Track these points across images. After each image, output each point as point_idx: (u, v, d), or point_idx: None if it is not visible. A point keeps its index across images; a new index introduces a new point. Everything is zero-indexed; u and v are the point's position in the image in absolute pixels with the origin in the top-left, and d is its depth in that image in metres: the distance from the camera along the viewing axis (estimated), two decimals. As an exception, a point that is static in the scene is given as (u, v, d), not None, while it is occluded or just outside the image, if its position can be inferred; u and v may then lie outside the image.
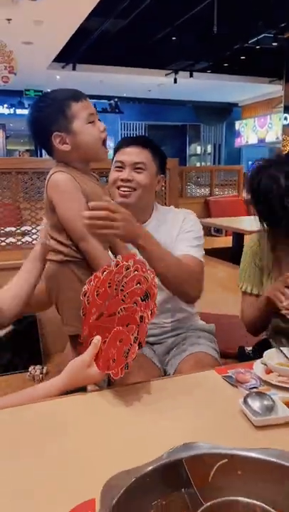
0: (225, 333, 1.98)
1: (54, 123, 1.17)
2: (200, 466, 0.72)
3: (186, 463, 0.71)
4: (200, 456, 0.72)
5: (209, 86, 11.37)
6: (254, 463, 0.71)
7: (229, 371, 1.10)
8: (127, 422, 0.93)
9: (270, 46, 8.44)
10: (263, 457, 0.71)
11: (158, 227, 1.49)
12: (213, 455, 0.72)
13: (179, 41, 8.29)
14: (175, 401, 1.01)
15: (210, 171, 6.84)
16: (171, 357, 1.45)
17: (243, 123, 14.55)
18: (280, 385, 1.01)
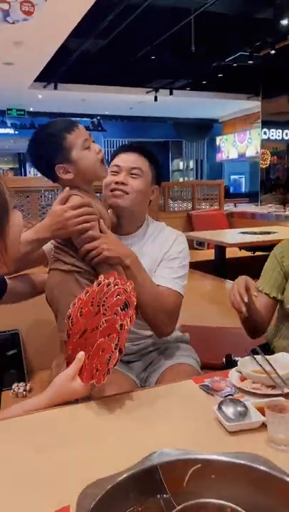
0: (209, 345, 2.00)
1: (54, 157, 1.25)
2: (174, 472, 0.74)
3: (160, 469, 0.73)
4: (174, 462, 0.74)
5: (189, 103, 11.61)
6: (227, 467, 0.74)
7: (206, 380, 1.13)
8: (104, 431, 0.95)
9: (247, 64, 8.70)
10: (235, 461, 0.74)
11: (147, 240, 1.47)
12: (187, 460, 0.75)
13: (158, 60, 8.48)
14: (152, 410, 1.03)
15: (192, 186, 6.94)
16: (149, 373, 1.45)
17: (224, 138, 14.85)
18: (254, 391, 1.04)
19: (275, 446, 0.84)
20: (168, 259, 1.42)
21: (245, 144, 13.80)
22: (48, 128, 1.30)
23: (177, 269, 1.41)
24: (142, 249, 1.43)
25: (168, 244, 1.44)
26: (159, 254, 1.43)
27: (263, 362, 1.15)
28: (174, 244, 1.45)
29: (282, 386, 1.04)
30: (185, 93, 10.67)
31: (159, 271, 1.41)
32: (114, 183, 1.39)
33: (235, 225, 6.59)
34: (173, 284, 1.38)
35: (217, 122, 15.09)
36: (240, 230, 5.03)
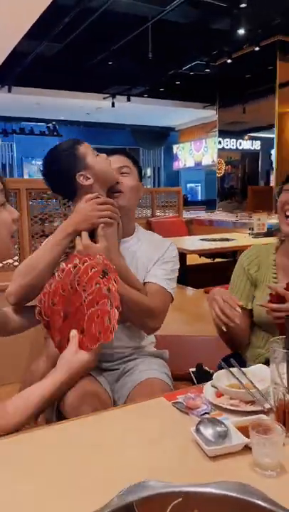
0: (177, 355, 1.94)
1: (73, 167, 1.36)
2: (153, 508, 0.65)
3: (137, 506, 0.64)
4: (152, 497, 0.65)
5: (146, 110, 11.65)
6: (211, 499, 0.65)
7: (179, 397, 1.04)
8: (72, 463, 0.84)
9: (204, 73, 8.82)
10: (220, 492, 0.65)
11: (141, 244, 1.51)
12: (166, 494, 0.66)
13: (116, 65, 8.44)
14: (124, 435, 0.93)
15: (150, 193, 6.91)
16: (121, 385, 1.37)
17: (180, 147, 15.00)
18: (232, 408, 0.96)
19: (261, 472, 0.77)
20: (162, 261, 1.48)
21: (202, 152, 14.00)
22: (58, 146, 1.42)
23: (170, 272, 1.48)
24: (140, 250, 1.49)
25: (163, 248, 1.50)
26: (154, 256, 1.48)
27: (240, 375, 1.08)
28: (169, 250, 1.51)
29: (263, 402, 0.97)
30: (142, 100, 10.68)
31: (153, 270, 1.46)
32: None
33: (194, 232, 6.63)
34: (165, 284, 1.44)
35: (174, 130, 15.23)
36: (200, 237, 5.06)
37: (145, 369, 1.38)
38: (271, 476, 0.76)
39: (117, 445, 0.89)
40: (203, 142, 13.85)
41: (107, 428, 0.97)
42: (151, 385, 1.29)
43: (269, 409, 0.95)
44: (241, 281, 1.49)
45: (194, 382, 1.52)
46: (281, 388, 0.90)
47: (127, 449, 0.88)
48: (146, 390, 1.25)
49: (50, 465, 0.84)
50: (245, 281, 1.48)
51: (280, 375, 0.90)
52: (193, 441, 0.86)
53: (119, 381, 1.39)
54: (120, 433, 0.94)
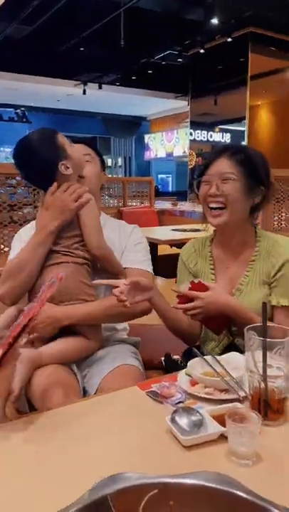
0: (150, 344, 1.93)
1: (55, 157, 1.35)
2: (128, 501, 0.62)
3: (111, 499, 0.61)
4: (127, 489, 0.63)
5: (118, 98, 11.51)
6: (187, 490, 0.64)
7: (153, 386, 1.02)
8: (42, 456, 0.81)
9: (176, 62, 8.77)
10: (196, 482, 0.64)
11: (108, 228, 1.49)
12: (141, 486, 0.63)
13: (87, 52, 8.27)
14: (97, 426, 0.90)
15: (122, 182, 6.85)
16: (92, 373, 1.34)
17: (152, 137, 14.94)
18: (207, 397, 0.95)
19: (236, 461, 0.76)
20: (132, 244, 1.50)
21: (173, 143, 13.99)
22: (35, 136, 1.38)
23: (145, 253, 1.51)
24: (108, 236, 1.45)
25: (127, 234, 1.52)
26: (122, 244, 1.49)
27: (214, 363, 1.06)
28: (134, 233, 1.54)
29: (238, 390, 0.96)
30: (114, 88, 10.54)
31: (128, 256, 1.48)
32: None
33: (165, 222, 6.63)
34: (145, 266, 1.47)
35: (145, 120, 15.14)
36: (171, 228, 5.06)
37: (117, 356, 1.36)
38: (247, 465, 0.75)
39: (90, 437, 0.86)
40: (175, 133, 13.84)
41: (79, 419, 0.93)
42: (124, 373, 1.27)
43: (244, 398, 0.94)
44: (184, 275, 1.49)
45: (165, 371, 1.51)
46: (256, 376, 0.89)
47: (101, 440, 0.85)
48: (118, 378, 1.23)
49: (20, 459, 0.80)
50: (187, 275, 1.48)
51: (256, 363, 0.89)
52: (168, 431, 0.85)
53: (91, 367, 1.36)
54: (93, 424, 0.91)
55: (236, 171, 1.30)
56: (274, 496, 0.65)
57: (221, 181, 1.31)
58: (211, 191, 1.31)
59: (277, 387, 0.88)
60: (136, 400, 0.99)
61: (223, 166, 1.31)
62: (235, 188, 1.29)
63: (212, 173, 1.33)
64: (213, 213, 1.33)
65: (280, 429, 0.87)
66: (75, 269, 1.35)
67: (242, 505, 0.60)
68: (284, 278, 1.31)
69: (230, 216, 1.31)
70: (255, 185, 1.33)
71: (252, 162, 1.32)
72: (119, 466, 0.69)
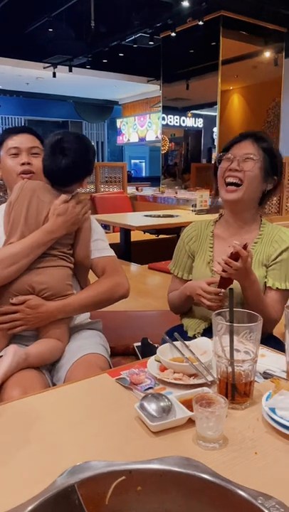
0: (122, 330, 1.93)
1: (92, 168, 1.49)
2: (95, 489, 0.63)
3: (78, 488, 0.61)
4: (93, 477, 0.63)
5: (89, 82, 11.29)
6: (154, 475, 0.64)
7: (122, 373, 1.02)
8: (9, 446, 0.80)
9: (148, 46, 8.64)
10: (162, 467, 0.65)
11: None
12: (108, 473, 0.64)
13: (56, 33, 8.04)
14: (66, 415, 0.90)
15: (94, 168, 6.77)
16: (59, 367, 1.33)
17: (124, 121, 14.76)
18: (176, 382, 0.96)
19: (204, 445, 0.77)
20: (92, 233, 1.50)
21: (146, 127, 13.87)
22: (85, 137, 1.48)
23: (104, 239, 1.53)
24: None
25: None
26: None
27: (183, 348, 1.07)
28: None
29: (206, 374, 0.97)
30: (85, 71, 10.30)
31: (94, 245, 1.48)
32: (21, 165, 1.46)
33: (139, 208, 6.62)
34: (111, 252, 1.50)
35: (117, 104, 14.93)
36: (145, 213, 5.05)
37: (82, 345, 1.35)
38: (214, 448, 0.76)
39: (58, 426, 0.86)
40: (147, 117, 13.71)
41: (47, 408, 0.93)
42: (90, 362, 1.26)
43: (212, 382, 0.95)
44: (182, 255, 1.57)
45: (139, 357, 1.52)
46: (224, 360, 0.90)
47: (69, 429, 0.85)
48: (85, 367, 1.23)
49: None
50: (184, 254, 1.56)
51: (223, 348, 0.90)
52: (138, 418, 0.85)
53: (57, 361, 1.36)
54: (61, 413, 0.91)
55: (258, 153, 1.39)
56: (240, 477, 0.67)
57: (242, 160, 1.39)
58: (232, 166, 1.39)
59: (244, 370, 0.89)
60: (105, 388, 0.99)
61: (247, 148, 1.40)
62: (254, 166, 1.38)
63: (235, 152, 1.41)
64: (229, 189, 1.41)
65: (247, 411, 0.89)
66: (67, 272, 1.41)
67: (207, 487, 0.61)
68: (283, 262, 1.40)
69: (244, 194, 1.40)
70: (271, 172, 1.43)
71: (273, 151, 1.43)
72: (87, 455, 0.69)
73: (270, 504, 0.57)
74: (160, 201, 6.84)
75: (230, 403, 0.89)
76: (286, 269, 1.40)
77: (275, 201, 3.50)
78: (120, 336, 1.81)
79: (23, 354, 1.22)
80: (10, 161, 1.48)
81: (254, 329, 0.89)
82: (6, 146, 1.50)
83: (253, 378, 0.91)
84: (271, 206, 3.50)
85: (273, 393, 0.84)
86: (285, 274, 1.40)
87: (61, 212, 1.36)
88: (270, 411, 0.82)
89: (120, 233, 4.45)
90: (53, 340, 1.35)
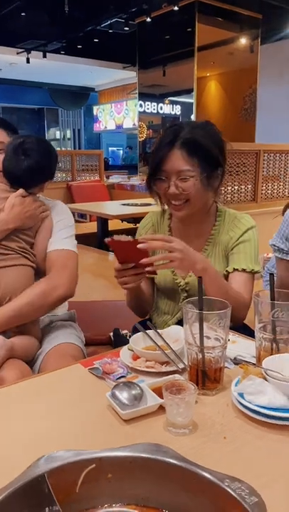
0: (96, 321, 1.93)
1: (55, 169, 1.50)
2: (65, 478, 0.64)
3: (48, 477, 0.62)
4: (64, 466, 0.64)
5: (64, 68, 11.09)
6: (124, 462, 0.66)
7: (95, 362, 1.03)
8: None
9: (123, 32, 8.52)
10: (132, 454, 0.66)
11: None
12: (78, 462, 0.65)
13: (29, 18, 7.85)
14: (37, 405, 0.90)
15: (70, 155, 6.69)
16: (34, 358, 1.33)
17: (101, 108, 14.58)
18: (148, 370, 0.97)
19: (174, 431, 0.78)
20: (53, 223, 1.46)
21: (123, 115, 13.74)
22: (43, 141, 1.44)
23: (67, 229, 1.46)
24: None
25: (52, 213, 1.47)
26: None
27: (155, 337, 1.08)
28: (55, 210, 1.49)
29: (177, 362, 0.98)
30: (59, 57, 10.11)
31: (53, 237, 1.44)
32: None
33: (116, 196, 6.58)
34: (67, 245, 1.42)
35: (93, 91, 14.73)
36: (122, 202, 5.03)
37: (57, 335, 1.35)
38: (184, 434, 0.78)
39: (30, 416, 0.86)
40: (124, 104, 13.58)
41: (19, 399, 0.93)
42: (64, 351, 1.27)
43: (183, 369, 0.97)
44: None
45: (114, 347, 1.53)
46: (194, 348, 0.91)
47: (40, 419, 0.85)
48: (59, 357, 1.23)
49: None
50: None
51: (193, 335, 0.91)
52: (110, 407, 0.86)
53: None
54: (33, 403, 0.91)
55: (192, 165, 1.27)
56: (209, 461, 0.68)
57: (178, 179, 1.27)
58: (171, 191, 1.29)
59: (214, 357, 0.91)
60: (78, 378, 1.00)
61: (178, 162, 1.27)
62: (194, 185, 1.27)
63: (168, 170, 1.28)
64: (175, 207, 1.33)
65: (217, 397, 0.91)
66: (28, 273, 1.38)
67: (175, 472, 0.63)
68: (241, 245, 1.36)
69: (192, 207, 1.32)
70: (213, 171, 1.31)
71: (205, 148, 1.28)
72: (58, 445, 0.70)
73: (235, 486, 0.59)
74: (138, 189, 6.82)
75: (201, 389, 0.90)
76: (244, 253, 1.36)
77: (250, 189, 3.53)
78: (97, 326, 1.82)
79: (10, 343, 1.21)
80: None
81: (223, 316, 0.90)
82: None
83: (223, 364, 0.93)
84: (246, 194, 3.52)
85: (242, 379, 0.86)
86: (244, 257, 1.35)
87: (17, 203, 1.34)
88: (239, 396, 0.83)
89: (97, 222, 4.43)
90: (27, 337, 1.33)
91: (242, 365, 0.90)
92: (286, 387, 0.81)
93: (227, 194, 3.41)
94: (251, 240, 1.38)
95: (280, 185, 3.81)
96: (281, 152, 3.75)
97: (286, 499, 0.64)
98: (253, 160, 3.52)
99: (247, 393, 0.82)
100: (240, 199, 3.51)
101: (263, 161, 3.57)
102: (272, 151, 3.68)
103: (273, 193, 3.78)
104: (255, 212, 3.27)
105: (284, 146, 3.85)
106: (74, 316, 1.56)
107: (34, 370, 1.29)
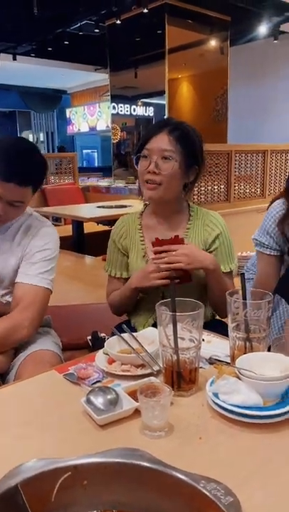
0: (73, 324, 1.91)
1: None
2: (40, 487, 0.63)
3: (22, 488, 0.61)
4: (38, 475, 0.63)
5: (35, 71, 10.98)
6: (100, 468, 0.65)
7: (70, 368, 1.02)
8: None
9: (93, 34, 8.50)
10: (107, 460, 0.66)
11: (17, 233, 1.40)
12: (53, 471, 0.64)
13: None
14: (12, 414, 0.88)
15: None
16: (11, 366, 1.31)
17: (74, 111, 14.50)
18: (123, 374, 0.97)
19: (150, 434, 0.78)
20: (30, 253, 1.36)
21: (96, 117, 13.70)
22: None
23: (42, 264, 1.35)
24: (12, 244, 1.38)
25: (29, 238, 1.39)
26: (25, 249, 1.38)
27: (130, 340, 1.08)
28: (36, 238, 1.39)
29: (152, 364, 0.98)
30: (30, 60, 10.00)
31: (23, 267, 1.34)
32: None
33: (91, 199, 6.55)
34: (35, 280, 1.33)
35: (65, 93, 14.63)
36: (97, 204, 5.01)
37: (29, 342, 1.33)
38: (160, 436, 0.78)
39: (5, 425, 0.85)
40: (97, 106, 13.54)
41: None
42: (40, 358, 1.25)
43: (158, 371, 0.97)
44: (114, 253, 1.54)
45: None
46: (169, 349, 0.92)
47: (15, 428, 0.84)
48: (35, 364, 1.21)
49: None
50: (117, 253, 1.53)
51: (167, 337, 0.91)
52: (85, 413, 0.85)
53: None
54: (7, 412, 0.89)
55: (175, 149, 1.35)
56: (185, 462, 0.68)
57: (160, 158, 1.35)
58: (150, 168, 1.36)
59: (188, 358, 0.91)
60: (53, 384, 0.99)
61: (163, 143, 1.36)
62: (172, 167, 1.35)
63: (151, 148, 1.37)
64: (149, 186, 1.38)
65: (192, 398, 0.91)
66: None
67: (151, 475, 0.63)
68: (219, 248, 1.45)
69: (164, 192, 1.38)
70: (191, 164, 1.40)
71: (190, 140, 1.39)
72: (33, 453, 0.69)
73: (211, 487, 0.60)
74: (113, 192, 6.81)
75: (177, 391, 0.91)
76: (221, 254, 1.45)
77: (223, 189, 3.57)
78: (74, 330, 1.80)
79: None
80: None
81: (196, 317, 0.91)
82: None
83: (198, 365, 0.93)
84: (220, 194, 3.56)
85: (216, 378, 0.87)
86: (223, 257, 1.45)
87: None
88: (214, 396, 0.84)
89: (72, 225, 4.40)
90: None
91: (216, 365, 0.91)
92: (259, 385, 0.82)
93: (201, 194, 3.44)
94: (225, 240, 1.47)
95: (251, 185, 3.87)
96: (252, 152, 3.81)
97: (261, 497, 0.65)
98: (225, 160, 3.57)
99: (221, 393, 0.83)
100: (214, 199, 3.55)
101: (234, 161, 3.61)
102: (244, 151, 3.74)
103: (246, 193, 3.83)
104: (228, 212, 3.31)
105: (255, 147, 3.91)
106: (50, 322, 1.54)
107: (9, 379, 1.27)
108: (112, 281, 1.56)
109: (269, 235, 1.63)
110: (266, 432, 0.78)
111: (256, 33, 7.91)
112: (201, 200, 3.43)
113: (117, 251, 1.53)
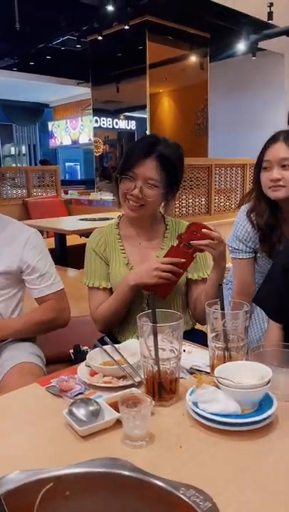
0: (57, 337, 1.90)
1: None
2: (22, 499, 0.63)
3: (4, 500, 0.62)
4: (20, 487, 0.64)
5: (17, 84, 11.03)
6: (82, 478, 0.66)
7: (52, 381, 1.02)
8: None
9: (75, 49, 8.59)
10: (88, 470, 0.66)
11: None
12: (35, 482, 0.65)
13: (-21, 34, 7.76)
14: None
15: (26, 172, 6.62)
16: None
17: (56, 124, 14.56)
18: (105, 385, 0.98)
19: (131, 444, 0.79)
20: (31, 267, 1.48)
21: (78, 130, 13.78)
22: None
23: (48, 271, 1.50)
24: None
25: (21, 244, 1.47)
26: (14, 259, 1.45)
27: (112, 352, 1.10)
28: (28, 244, 1.49)
29: (134, 375, 1.00)
30: (12, 73, 10.06)
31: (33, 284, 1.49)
32: None
33: (74, 212, 6.57)
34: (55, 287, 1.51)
35: (48, 107, 14.70)
36: (80, 217, 5.03)
37: (15, 355, 1.33)
38: (141, 446, 0.79)
39: (-14, 439, 0.85)
40: (79, 120, 13.62)
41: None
42: (23, 371, 1.25)
43: (140, 382, 0.98)
44: (95, 263, 1.50)
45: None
46: (150, 360, 0.93)
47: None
48: (17, 377, 1.22)
49: None
50: (99, 262, 1.50)
51: (148, 348, 0.93)
52: (67, 424, 0.86)
53: None
54: (-10, 426, 0.90)
55: (161, 177, 1.39)
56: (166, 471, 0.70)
57: (145, 184, 1.38)
58: (135, 192, 1.39)
59: (169, 368, 0.93)
60: (35, 397, 0.99)
61: (150, 171, 1.38)
62: (156, 194, 1.40)
63: (138, 174, 1.38)
64: (131, 207, 1.42)
65: (173, 407, 0.93)
66: None
67: (130, 483, 0.64)
68: (199, 256, 1.46)
69: (145, 212, 1.43)
70: (172, 188, 1.46)
71: (175, 168, 1.42)
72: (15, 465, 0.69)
73: (190, 493, 0.61)
74: (96, 204, 6.83)
75: (158, 401, 0.92)
76: (198, 261, 1.48)
77: (204, 202, 3.62)
78: (57, 343, 1.80)
79: None
80: None
81: (176, 328, 0.93)
82: None
83: (178, 375, 0.95)
84: (201, 207, 3.61)
85: (196, 388, 0.89)
86: (200, 264, 1.49)
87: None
88: (193, 405, 0.86)
89: (55, 238, 4.40)
90: None
91: (195, 375, 0.93)
92: (236, 393, 0.84)
93: (182, 207, 3.49)
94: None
95: (231, 197, 3.94)
96: (232, 166, 3.89)
97: (238, 503, 0.67)
98: (206, 174, 3.63)
99: (201, 402, 0.85)
100: (195, 212, 3.61)
101: (215, 175, 3.68)
102: (223, 165, 3.81)
103: (226, 206, 3.90)
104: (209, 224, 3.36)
105: (234, 161, 4.00)
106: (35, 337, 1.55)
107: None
108: (95, 293, 1.50)
109: (239, 240, 1.71)
110: (244, 440, 0.80)
111: (235, 49, 8.12)
112: (183, 213, 3.48)
113: (99, 260, 1.49)
